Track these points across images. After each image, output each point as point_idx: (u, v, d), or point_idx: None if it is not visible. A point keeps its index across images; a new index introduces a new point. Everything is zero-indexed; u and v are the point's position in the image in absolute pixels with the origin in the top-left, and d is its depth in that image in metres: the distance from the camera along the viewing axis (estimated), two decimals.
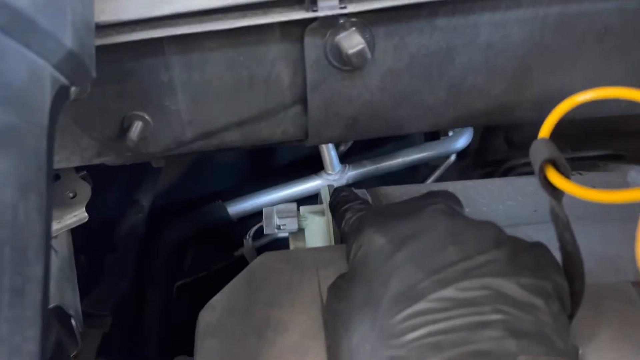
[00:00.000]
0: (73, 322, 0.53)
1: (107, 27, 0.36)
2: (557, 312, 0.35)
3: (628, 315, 0.44)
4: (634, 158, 0.80)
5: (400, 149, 0.96)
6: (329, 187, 0.59)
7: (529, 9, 0.43)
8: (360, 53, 0.40)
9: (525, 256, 0.37)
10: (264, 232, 0.60)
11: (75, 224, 0.51)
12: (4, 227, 0.23)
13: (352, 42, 0.40)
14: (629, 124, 0.83)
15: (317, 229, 0.60)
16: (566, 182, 0.34)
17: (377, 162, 0.94)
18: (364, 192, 0.60)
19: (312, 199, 0.90)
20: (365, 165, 0.92)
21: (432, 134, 1.04)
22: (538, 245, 0.39)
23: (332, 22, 0.40)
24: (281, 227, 0.59)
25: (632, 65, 0.48)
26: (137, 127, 0.43)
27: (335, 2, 0.38)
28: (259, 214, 0.71)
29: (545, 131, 0.37)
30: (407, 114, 0.48)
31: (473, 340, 0.32)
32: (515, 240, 0.39)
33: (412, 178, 1.02)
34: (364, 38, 0.41)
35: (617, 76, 0.48)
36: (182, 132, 0.46)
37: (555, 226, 0.38)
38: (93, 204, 0.51)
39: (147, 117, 0.44)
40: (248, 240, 0.66)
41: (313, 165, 0.92)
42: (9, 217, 0.23)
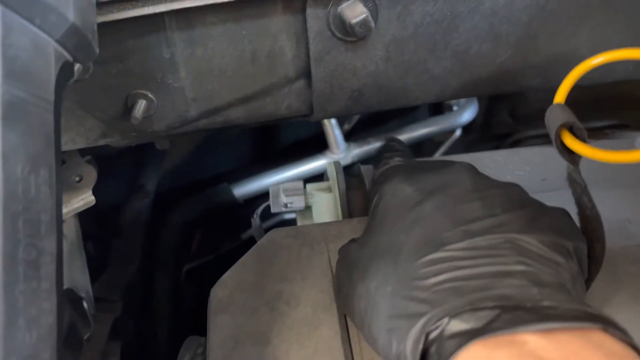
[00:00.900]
0: (85, 305, 0.53)
1: (107, 4, 0.36)
2: (576, 273, 0.36)
3: None
4: (639, 127, 0.80)
5: (405, 125, 0.96)
6: (335, 163, 0.59)
7: None
8: (363, 22, 0.40)
9: (547, 218, 0.37)
10: (271, 211, 0.60)
11: (83, 207, 0.51)
12: (16, 201, 0.23)
13: (355, 11, 0.40)
14: (635, 93, 0.83)
15: (324, 206, 0.60)
16: (584, 145, 0.34)
17: (382, 139, 0.93)
18: (370, 169, 0.60)
19: (318, 179, 0.89)
20: (370, 143, 0.92)
21: (436, 110, 1.03)
22: (560, 209, 0.40)
23: None
24: (288, 205, 0.59)
25: (637, 26, 0.47)
26: (141, 106, 0.43)
27: None
28: (265, 195, 0.71)
29: (560, 96, 0.37)
30: (412, 84, 0.48)
31: (496, 286, 0.32)
32: (538, 203, 0.40)
33: (418, 154, 1.01)
34: (367, 7, 0.40)
35: (623, 39, 0.47)
36: (186, 109, 0.46)
37: (573, 191, 0.38)
38: (98, 190, 0.51)
39: (150, 95, 0.44)
40: (256, 219, 0.66)
41: (318, 145, 0.91)
42: (19, 190, 0.23)
